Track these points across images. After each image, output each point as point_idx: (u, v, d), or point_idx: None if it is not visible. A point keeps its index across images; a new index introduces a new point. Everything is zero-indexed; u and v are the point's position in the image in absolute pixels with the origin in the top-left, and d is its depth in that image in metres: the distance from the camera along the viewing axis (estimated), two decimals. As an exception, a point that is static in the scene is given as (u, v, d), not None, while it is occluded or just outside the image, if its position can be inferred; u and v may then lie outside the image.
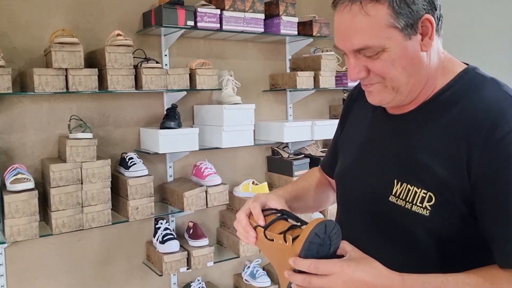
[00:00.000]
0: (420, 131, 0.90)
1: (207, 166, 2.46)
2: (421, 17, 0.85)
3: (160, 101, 2.47)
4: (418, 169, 0.87)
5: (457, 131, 0.84)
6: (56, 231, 1.97)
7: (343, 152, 1.12)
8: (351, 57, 0.89)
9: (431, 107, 0.91)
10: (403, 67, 0.86)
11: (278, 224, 0.93)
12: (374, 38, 0.84)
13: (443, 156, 0.85)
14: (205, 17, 2.30)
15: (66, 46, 1.94)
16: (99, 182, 2.04)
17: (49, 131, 2.18)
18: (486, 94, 0.86)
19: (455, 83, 0.90)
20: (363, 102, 1.08)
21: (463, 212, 0.84)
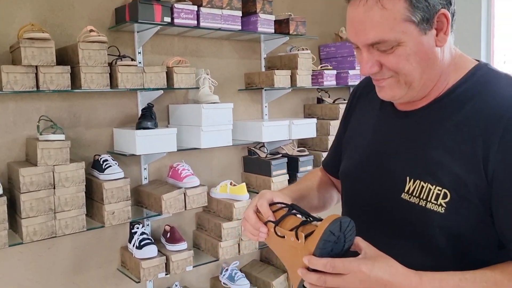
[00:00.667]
0: (433, 128, 0.89)
1: (184, 168, 2.38)
2: (437, 12, 0.84)
3: (134, 100, 2.37)
4: (432, 166, 0.86)
5: (473, 129, 0.83)
6: (27, 239, 1.84)
7: (348, 151, 1.10)
8: (364, 51, 0.87)
9: (443, 104, 0.90)
10: (418, 62, 0.85)
11: (288, 219, 0.91)
12: (390, 32, 0.83)
13: (458, 153, 0.84)
14: (182, 13, 2.23)
15: (37, 42, 1.81)
16: (73, 186, 1.93)
17: (15, 132, 2.04)
18: (500, 91, 0.85)
19: (468, 80, 0.89)
20: (368, 99, 1.07)
21: (479, 210, 0.83)
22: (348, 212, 1.08)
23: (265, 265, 2.84)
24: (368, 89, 1.08)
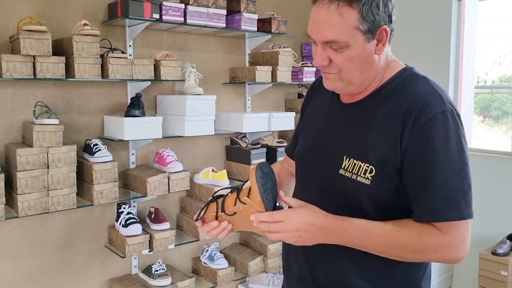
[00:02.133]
0: (367, 117, 1.10)
1: (169, 154, 2.57)
2: (380, 27, 1.05)
3: (124, 90, 2.55)
4: (363, 147, 1.07)
5: (395, 116, 1.04)
6: (22, 213, 2.02)
7: (302, 136, 1.30)
8: (319, 47, 1.07)
9: (377, 97, 1.11)
10: (359, 64, 1.06)
11: (227, 200, 1.12)
12: (342, 35, 1.02)
13: (384, 136, 1.05)
14: (170, 11, 2.40)
15: (35, 34, 1.99)
16: (65, 167, 2.11)
17: (13, 116, 2.22)
18: (418, 88, 1.07)
19: (395, 79, 1.11)
20: (322, 93, 1.28)
21: (396, 181, 1.05)
22: (298, 187, 1.28)
23: (243, 248, 3.04)
24: (322, 85, 1.25)
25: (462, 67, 3.14)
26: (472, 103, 3.33)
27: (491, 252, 2.73)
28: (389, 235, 1.02)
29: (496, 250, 2.71)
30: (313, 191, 1.18)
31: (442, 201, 1.00)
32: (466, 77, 3.20)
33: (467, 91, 3.23)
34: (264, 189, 1.05)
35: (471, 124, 3.33)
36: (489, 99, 3.68)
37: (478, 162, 2.99)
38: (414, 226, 1.02)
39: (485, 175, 2.94)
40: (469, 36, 3.19)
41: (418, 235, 1.01)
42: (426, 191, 1.01)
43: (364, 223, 1.04)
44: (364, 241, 1.03)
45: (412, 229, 1.02)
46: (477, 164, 2.98)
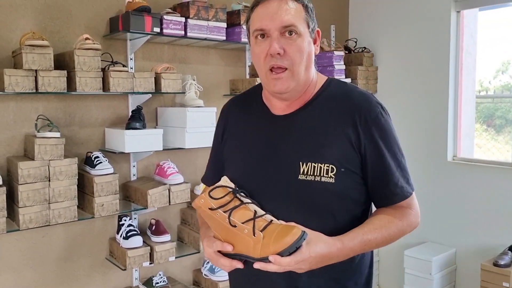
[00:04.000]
0: (315, 121, 1.16)
1: (170, 166, 2.58)
2: (315, 28, 1.17)
3: (125, 102, 2.57)
4: (319, 150, 1.12)
5: (343, 118, 1.14)
6: (24, 226, 2.03)
7: (234, 159, 1.25)
8: (275, 36, 1.09)
9: (316, 104, 1.17)
10: (305, 58, 1.12)
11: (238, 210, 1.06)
12: (298, 21, 1.11)
13: (337, 137, 1.13)
14: (170, 24, 2.43)
15: (37, 49, 2.01)
16: (66, 179, 2.13)
17: (15, 129, 2.24)
18: (353, 92, 1.19)
19: (328, 86, 1.20)
20: (239, 115, 1.29)
21: (357, 176, 1.13)
22: None
23: (245, 259, 3.03)
24: (237, 108, 1.31)
25: (461, 77, 3.15)
26: (474, 112, 3.33)
27: (492, 264, 2.71)
28: (383, 233, 1.11)
29: (498, 261, 2.69)
30: (270, 207, 1.11)
31: (402, 180, 1.16)
32: (467, 86, 3.21)
33: (468, 100, 3.24)
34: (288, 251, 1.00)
35: (473, 134, 3.33)
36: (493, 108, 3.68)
37: (480, 172, 2.99)
38: (393, 214, 1.15)
39: (487, 186, 2.94)
40: (469, 46, 3.20)
41: (400, 220, 1.14)
42: (390, 177, 1.14)
43: (361, 234, 1.10)
44: (365, 248, 1.11)
45: (394, 217, 1.14)
46: (479, 175, 2.98)
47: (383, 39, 3.45)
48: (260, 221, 1.05)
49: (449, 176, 3.14)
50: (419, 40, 3.23)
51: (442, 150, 3.17)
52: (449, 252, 3.10)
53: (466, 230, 3.04)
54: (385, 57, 3.45)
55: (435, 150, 3.20)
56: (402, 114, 3.34)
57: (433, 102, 3.19)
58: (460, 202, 3.07)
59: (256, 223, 1.04)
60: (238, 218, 1.06)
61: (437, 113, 3.18)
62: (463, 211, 3.06)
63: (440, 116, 3.17)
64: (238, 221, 1.05)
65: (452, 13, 3.07)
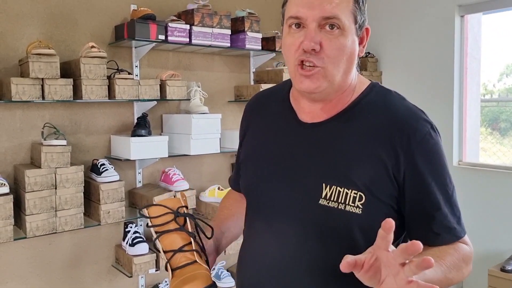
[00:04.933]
0: (343, 137, 0.96)
1: (175, 172, 2.59)
2: (365, 25, 0.96)
3: (131, 110, 2.59)
4: (346, 171, 0.93)
5: (380, 136, 0.93)
6: (30, 234, 2.04)
7: (249, 165, 1.11)
8: (312, 27, 0.90)
9: (351, 114, 0.98)
10: (346, 58, 0.92)
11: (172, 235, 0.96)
12: (344, 13, 0.90)
13: (369, 158, 0.93)
14: (175, 32, 2.45)
15: (43, 57, 2.03)
16: (73, 187, 2.14)
17: (22, 138, 2.25)
18: (397, 103, 0.98)
19: (368, 94, 0.99)
20: (262, 115, 1.12)
21: (389, 207, 0.94)
22: (254, 223, 1.08)
23: (250, 266, 3.03)
24: (260, 105, 1.14)
25: (466, 81, 3.15)
26: (479, 116, 3.32)
27: (500, 269, 2.69)
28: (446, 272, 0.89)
29: (505, 266, 2.67)
30: (283, 230, 0.98)
31: (452, 219, 0.95)
32: (471, 90, 3.20)
33: (473, 104, 3.23)
34: None
35: (478, 138, 3.32)
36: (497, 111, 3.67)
37: (486, 177, 2.97)
38: (452, 251, 0.93)
39: (493, 190, 2.93)
40: (473, 51, 3.20)
41: (458, 256, 0.93)
42: (435, 214, 0.94)
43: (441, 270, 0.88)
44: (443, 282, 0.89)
45: (454, 255, 0.93)
46: (485, 179, 2.97)
47: (387, 44, 3.45)
48: (182, 256, 0.94)
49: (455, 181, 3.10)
50: (424, 45, 3.23)
51: (448, 155, 3.14)
52: (455, 257, 3.08)
53: (473, 235, 3.01)
54: (390, 62, 3.46)
55: (441, 154, 3.18)
56: (407, 119, 3.33)
57: (438, 107, 3.19)
58: (466, 207, 3.05)
59: (177, 257, 0.94)
60: (167, 244, 0.96)
61: (442, 118, 3.17)
62: (469, 216, 3.04)
63: (445, 121, 3.16)
64: (162, 248, 0.96)
65: (456, 17, 3.07)
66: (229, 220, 1.19)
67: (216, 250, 1.12)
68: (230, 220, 1.19)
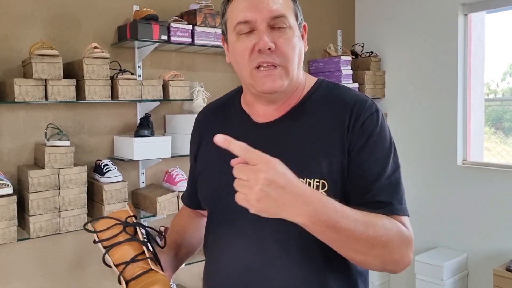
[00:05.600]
0: (301, 129, 0.99)
1: (178, 173, 2.58)
2: (303, 22, 1.02)
3: (134, 110, 2.59)
4: (305, 163, 0.94)
5: (330, 125, 0.97)
6: (34, 235, 2.04)
7: (207, 175, 1.09)
8: (262, 29, 0.93)
9: (303, 109, 1.01)
10: (296, 53, 0.97)
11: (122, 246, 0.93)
12: (288, 11, 0.96)
13: (324, 147, 0.96)
14: (178, 32, 2.45)
15: (46, 58, 2.03)
16: (76, 187, 2.14)
17: (25, 138, 2.26)
18: (345, 93, 1.02)
19: (317, 89, 1.04)
20: (214, 124, 1.11)
21: (344, 189, 0.95)
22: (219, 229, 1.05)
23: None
24: (212, 117, 1.14)
25: (470, 81, 3.13)
26: (483, 116, 3.31)
27: (505, 268, 2.68)
28: (366, 220, 0.86)
29: (510, 266, 2.66)
30: (249, 230, 0.98)
31: (392, 195, 0.94)
32: (475, 90, 3.19)
33: (477, 104, 3.22)
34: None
35: (482, 138, 3.31)
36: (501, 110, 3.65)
37: (491, 176, 2.96)
38: (383, 216, 0.90)
39: (498, 189, 2.91)
40: (477, 50, 3.18)
41: (391, 224, 0.89)
42: (375, 184, 0.93)
43: (339, 203, 0.86)
44: (339, 223, 0.82)
45: (385, 218, 0.90)
46: (490, 179, 2.95)
47: (390, 44, 3.44)
48: (136, 267, 0.91)
49: (459, 180, 3.11)
50: (427, 44, 3.22)
51: (452, 155, 3.14)
52: (460, 257, 3.06)
53: (478, 234, 3.01)
54: (393, 62, 3.44)
55: (445, 154, 3.18)
56: (411, 118, 3.32)
57: (442, 106, 3.17)
58: (471, 206, 3.04)
59: (130, 268, 0.91)
60: (118, 257, 0.93)
61: (446, 117, 3.16)
62: (474, 216, 3.03)
63: (449, 120, 3.15)
64: (114, 262, 0.93)
65: (460, 16, 3.06)
66: (184, 234, 1.18)
67: (172, 265, 1.10)
68: (184, 236, 1.18)
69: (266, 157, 0.79)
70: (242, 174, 0.78)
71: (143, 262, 0.91)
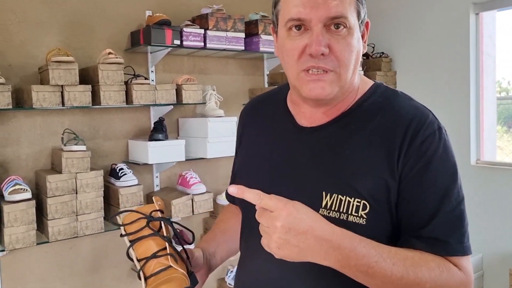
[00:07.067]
0: (345, 141, 0.89)
1: (192, 176, 2.61)
2: (365, 19, 0.90)
3: (147, 114, 2.62)
4: (349, 179, 0.85)
5: (383, 139, 0.86)
6: (53, 238, 2.07)
7: (244, 174, 1.04)
8: (318, 29, 0.82)
9: (353, 116, 0.91)
10: (353, 57, 0.86)
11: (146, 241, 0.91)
12: (349, 9, 0.83)
13: (371, 163, 0.85)
14: (190, 36, 2.47)
15: (63, 64, 2.07)
16: (93, 191, 2.17)
17: (42, 144, 2.29)
18: (403, 104, 0.90)
19: (372, 95, 0.92)
20: (258, 119, 1.05)
21: (392, 215, 0.85)
22: (251, 238, 0.98)
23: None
24: (256, 111, 1.07)
25: (482, 80, 3.12)
26: (495, 114, 3.29)
27: (521, 268, 2.66)
28: (406, 264, 0.77)
29: (527, 265, 2.64)
30: None
31: (451, 231, 0.82)
32: (487, 88, 3.17)
33: (489, 102, 3.20)
34: None
35: (495, 137, 3.29)
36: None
37: (505, 176, 2.94)
38: (432, 258, 0.80)
39: (512, 188, 2.89)
40: (488, 48, 3.17)
41: (439, 269, 0.79)
42: (435, 219, 0.82)
43: (374, 244, 0.78)
44: (373, 268, 0.75)
45: (431, 260, 0.80)
46: (504, 178, 2.93)
47: (401, 44, 3.43)
48: (156, 263, 0.89)
49: (473, 180, 3.09)
50: (438, 44, 3.21)
51: (465, 154, 3.13)
52: (475, 257, 3.05)
53: (493, 235, 2.99)
54: (404, 62, 3.44)
55: (458, 154, 3.10)
56: (423, 118, 3.31)
57: (455, 106, 3.16)
58: (486, 206, 3.03)
59: (151, 263, 0.89)
60: (141, 252, 0.91)
61: (459, 117, 3.15)
62: (489, 216, 3.01)
63: (462, 120, 3.13)
64: (136, 256, 0.91)
65: (471, 15, 3.04)
66: (224, 234, 1.13)
67: (210, 263, 1.06)
68: (226, 234, 1.13)
69: (283, 202, 0.75)
70: (261, 219, 0.76)
71: (164, 258, 0.90)
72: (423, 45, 3.30)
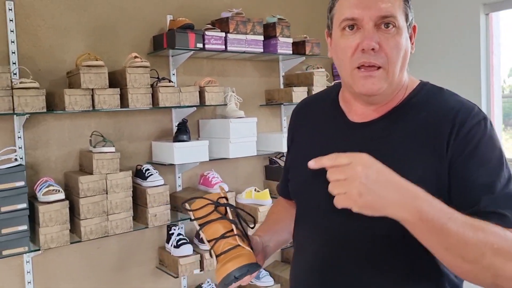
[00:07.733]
0: (398, 132, 0.95)
1: (214, 176, 2.67)
2: (413, 23, 0.98)
3: (169, 116, 2.68)
4: (399, 167, 0.85)
5: (431, 130, 0.92)
6: (85, 238, 2.13)
7: (297, 168, 1.11)
8: (369, 27, 0.91)
9: (403, 111, 0.97)
10: (402, 56, 0.93)
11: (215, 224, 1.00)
12: (398, 11, 0.92)
13: (421, 152, 0.91)
14: (212, 40, 2.53)
15: (93, 68, 2.13)
16: (122, 192, 2.23)
17: (70, 146, 2.35)
18: (449, 99, 0.97)
19: (420, 92, 1.00)
20: (310, 118, 1.13)
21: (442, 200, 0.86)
22: (306, 228, 1.07)
23: (286, 265, 3.10)
24: (307, 110, 1.15)
25: (492, 80, 3.19)
26: (501, 113, 3.36)
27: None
28: (475, 224, 0.78)
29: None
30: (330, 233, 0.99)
31: (507, 206, 0.85)
32: (495, 87, 3.25)
33: (497, 101, 3.27)
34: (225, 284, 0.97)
35: (501, 135, 3.36)
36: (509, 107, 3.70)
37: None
38: (494, 224, 0.80)
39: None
40: (494, 47, 3.24)
41: (504, 232, 0.79)
42: (489, 195, 0.86)
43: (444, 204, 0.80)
44: (447, 224, 0.76)
45: (496, 225, 0.80)
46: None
47: (411, 44, 3.50)
48: (225, 243, 0.98)
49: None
50: (449, 44, 3.28)
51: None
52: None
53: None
54: (415, 62, 3.50)
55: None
56: (434, 117, 3.37)
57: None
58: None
59: (220, 243, 0.98)
60: (210, 234, 1.00)
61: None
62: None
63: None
64: (206, 238, 1.00)
65: (481, 16, 3.12)
66: (277, 225, 1.21)
67: (265, 251, 1.12)
68: (278, 224, 1.21)
69: (356, 153, 0.79)
70: (337, 174, 0.78)
71: (232, 238, 0.98)
72: (434, 46, 3.37)
